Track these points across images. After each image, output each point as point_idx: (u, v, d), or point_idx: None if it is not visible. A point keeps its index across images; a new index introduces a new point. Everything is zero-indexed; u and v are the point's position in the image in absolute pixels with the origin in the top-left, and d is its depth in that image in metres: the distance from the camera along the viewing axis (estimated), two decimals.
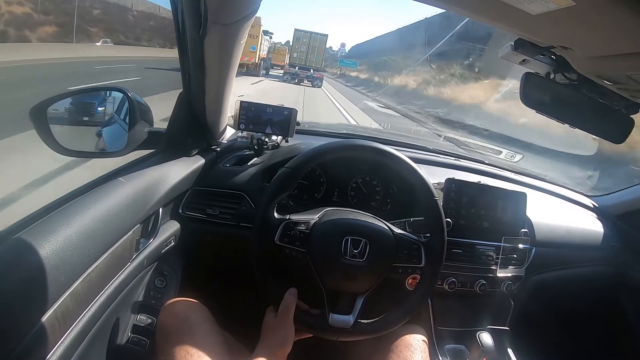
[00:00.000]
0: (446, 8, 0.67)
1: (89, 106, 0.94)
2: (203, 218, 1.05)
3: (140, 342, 0.93)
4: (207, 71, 0.94)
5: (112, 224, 0.71)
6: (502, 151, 1.69)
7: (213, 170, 1.12)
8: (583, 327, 1.39)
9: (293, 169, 0.84)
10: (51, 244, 0.57)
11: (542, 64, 0.71)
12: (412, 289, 0.90)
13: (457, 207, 1.07)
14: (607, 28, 0.47)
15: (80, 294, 0.63)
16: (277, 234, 0.83)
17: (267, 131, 1.17)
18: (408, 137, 1.74)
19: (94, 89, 0.96)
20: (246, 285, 0.98)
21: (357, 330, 0.82)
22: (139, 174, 0.85)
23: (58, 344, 0.60)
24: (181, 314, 0.82)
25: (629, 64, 0.54)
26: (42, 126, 0.78)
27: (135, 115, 0.88)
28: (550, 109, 0.72)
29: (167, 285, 1.04)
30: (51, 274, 0.56)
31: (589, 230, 1.31)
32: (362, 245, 0.82)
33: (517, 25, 0.58)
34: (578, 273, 1.25)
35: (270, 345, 0.77)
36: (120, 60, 13.22)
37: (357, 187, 1.21)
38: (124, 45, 17.28)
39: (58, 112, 0.85)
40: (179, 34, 0.90)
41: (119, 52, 15.19)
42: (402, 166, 0.86)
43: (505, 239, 1.06)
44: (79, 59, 11.74)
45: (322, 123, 1.78)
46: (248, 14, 0.85)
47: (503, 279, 1.08)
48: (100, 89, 0.98)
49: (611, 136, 0.75)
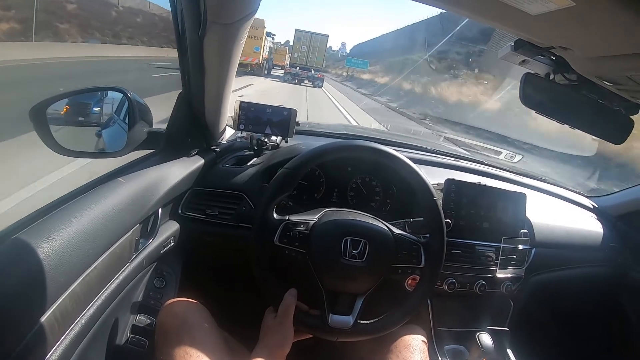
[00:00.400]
0: (446, 8, 0.67)
1: (89, 106, 0.94)
2: (202, 218, 1.05)
3: (139, 342, 0.93)
4: (207, 71, 0.94)
5: (112, 224, 0.71)
6: (502, 152, 1.69)
7: (212, 171, 1.12)
8: (583, 327, 1.39)
9: (292, 169, 0.84)
10: (50, 244, 0.57)
11: (541, 64, 0.71)
12: (411, 290, 0.90)
13: (457, 207, 1.07)
14: (607, 29, 0.47)
15: (80, 295, 0.63)
16: (276, 234, 0.83)
17: (266, 132, 1.17)
18: (408, 138, 1.74)
19: (93, 89, 0.95)
20: (245, 286, 0.98)
21: (356, 330, 0.82)
22: (139, 174, 0.85)
23: (57, 344, 0.59)
24: (180, 314, 0.82)
25: (628, 65, 0.54)
26: (41, 126, 0.78)
27: (135, 115, 0.88)
28: (550, 110, 0.72)
29: (167, 286, 1.04)
30: (50, 274, 0.55)
31: (589, 231, 1.31)
32: (362, 246, 0.82)
33: (516, 25, 0.58)
34: (578, 274, 1.25)
35: (269, 346, 0.77)
36: (99, 60, 11.64)
37: (356, 187, 1.21)
38: (109, 44, 15.38)
39: (57, 112, 0.85)
40: (178, 34, 0.90)
41: (97, 52, 13.05)
42: (401, 167, 0.86)
43: (504, 239, 1.06)
44: (37, 61, 9.13)
45: (322, 123, 1.78)
46: (248, 14, 0.85)
47: (503, 279, 1.08)
48: (100, 88, 0.98)
49: (611, 137, 0.75)
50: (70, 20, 14.39)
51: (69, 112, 0.89)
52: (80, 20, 14.96)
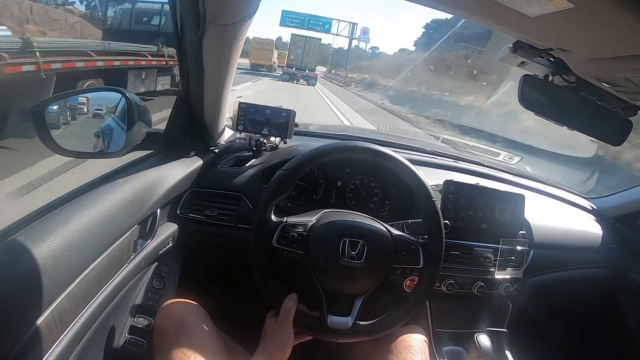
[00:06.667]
0: (444, 10, 0.67)
1: (87, 107, 0.94)
2: (201, 219, 1.05)
3: (137, 343, 0.93)
4: (206, 72, 0.94)
5: (110, 225, 0.71)
6: (501, 153, 1.70)
7: (211, 172, 1.12)
8: (581, 328, 1.39)
9: (291, 170, 0.84)
10: (49, 245, 0.57)
11: (540, 66, 0.71)
12: (410, 291, 0.90)
13: (455, 208, 1.07)
14: (606, 30, 0.47)
15: (78, 295, 0.63)
16: (274, 236, 0.83)
17: (265, 132, 1.17)
18: (406, 139, 1.74)
19: (92, 90, 0.96)
20: (244, 287, 0.98)
21: (355, 331, 0.82)
22: (137, 175, 0.85)
23: (55, 344, 0.59)
24: (178, 316, 0.82)
25: (627, 67, 0.54)
26: (40, 126, 0.78)
27: (134, 116, 0.88)
28: (549, 111, 0.72)
29: (165, 287, 1.04)
30: (48, 274, 0.55)
31: (587, 232, 1.31)
32: (360, 247, 0.82)
33: (515, 27, 0.58)
34: (576, 275, 1.25)
35: (269, 350, 0.77)
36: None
37: (355, 188, 1.21)
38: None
39: (57, 112, 0.85)
40: (177, 35, 0.90)
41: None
42: (400, 168, 0.86)
43: (503, 240, 1.06)
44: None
45: (321, 124, 1.77)
46: (247, 15, 0.85)
47: (501, 280, 1.08)
48: (99, 89, 0.98)
49: (609, 138, 0.75)
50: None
51: (71, 112, 0.90)
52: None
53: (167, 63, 7.10)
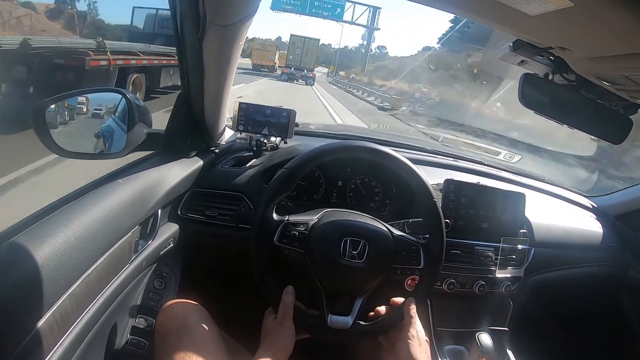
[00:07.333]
0: (444, 9, 0.67)
1: (88, 107, 0.94)
2: (202, 219, 1.05)
3: (139, 343, 0.93)
4: (206, 72, 0.94)
5: (111, 226, 0.71)
6: (501, 152, 1.70)
7: (212, 172, 1.12)
8: (582, 327, 1.39)
9: (292, 170, 0.84)
10: (50, 246, 0.57)
11: (540, 64, 0.71)
12: (411, 290, 0.90)
13: (456, 208, 1.07)
14: (606, 29, 0.47)
15: (79, 296, 0.63)
16: (276, 235, 0.83)
17: (265, 132, 1.17)
18: (407, 138, 1.74)
19: (92, 90, 0.96)
20: (245, 287, 0.98)
21: (355, 331, 0.82)
22: (138, 175, 0.85)
23: (57, 345, 0.59)
24: (180, 316, 0.82)
25: (627, 65, 0.54)
26: (40, 127, 0.78)
27: (134, 116, 0.88)
28: (549, 110, 0.72)
29: (166, 287, 1.04)
30: (50, 275, 0.55)
31: (588, 231, 1.31)
32: (361, 247, 0.82)
33: (515, 26, 0.58)
34: (577, 273, 1.26)
35: (271, 348, 0.76)
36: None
37: (356, 188, 1.21)
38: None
39: (57, 113, 0.85)
40: (177, 35, 0.90)
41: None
42: (400, 167, 0.86)
43: (504, 239, 1.06)
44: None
45: (321, 124, 1.78)
46: (247, 15, 0.85)
47: (502, 279, 1.08)
48: (99, 90, 0.98)
49: (610, 137, 0.75)
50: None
51: (70, 113, 0.90)
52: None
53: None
